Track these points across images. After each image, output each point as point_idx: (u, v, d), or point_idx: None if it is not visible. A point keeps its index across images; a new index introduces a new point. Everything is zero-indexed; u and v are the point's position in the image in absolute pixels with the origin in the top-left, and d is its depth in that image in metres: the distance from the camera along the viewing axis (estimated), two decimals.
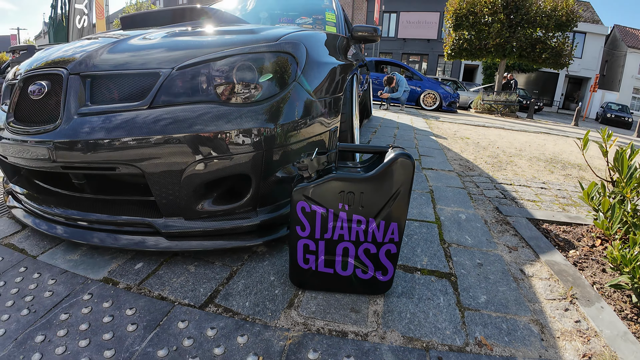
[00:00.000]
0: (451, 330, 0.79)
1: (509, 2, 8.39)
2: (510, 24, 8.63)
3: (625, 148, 1.31)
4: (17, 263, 1.12)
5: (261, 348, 0.75)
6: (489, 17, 8.85)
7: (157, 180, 0.93)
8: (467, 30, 9.27)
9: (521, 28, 8.54)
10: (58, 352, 0.77)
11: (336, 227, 0.79)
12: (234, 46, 1.00)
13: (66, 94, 0.98)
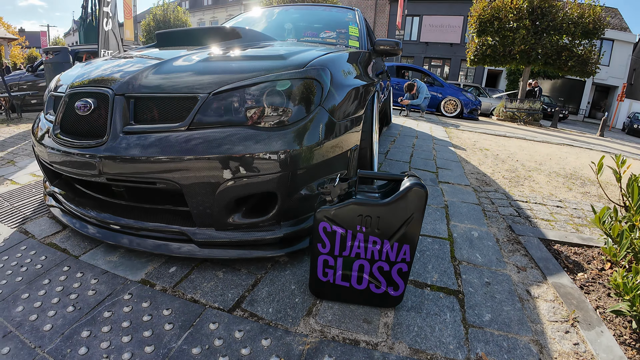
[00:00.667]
0: (454, 345, 0.87)
1: (535, 8, 8.24)
2: (536, 30, 8.47)
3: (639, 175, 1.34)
4: (61, 262, 1.27)
5: (283, 351, 0.85)
6: (514, 22, 8.73)
7: (194, 194, 1.06)
8: (491, 36, 9.16)
9: (547, 35, 8.36)
10: (103, 347, 0.89)
11: (353, 246, 0.89)
12: (265, 72, 1.11)
13: (112, 113, 1.12)
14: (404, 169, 2.66)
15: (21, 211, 1.71)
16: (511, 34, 8.87)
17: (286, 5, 3.04)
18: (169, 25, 17.41)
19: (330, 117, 1.18)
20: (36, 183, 2.14)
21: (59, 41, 26.66)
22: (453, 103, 8.82)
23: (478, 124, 7.68)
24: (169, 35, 1.74)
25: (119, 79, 1.16)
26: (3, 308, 1.03)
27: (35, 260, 1.27)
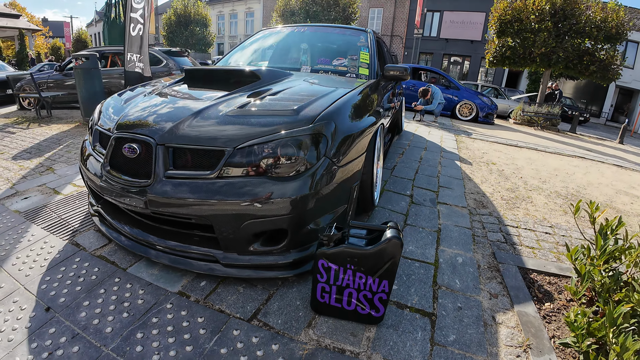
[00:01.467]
0: (421, 358, 1.16)
1: (557, 10, 8.15)
2: (558, 33, 8.39)
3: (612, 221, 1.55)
4: (112, 274, 1.60)
5: (287, 355, 1.16)
6: (535, 24, 8.67)
7: (221, 227, 1.36)
8: (512, 37, 9.13)
9: (569, 38, 8.29)
10: (154, 346, 1.21)
11: (344, 279, 1.17)
12: (281, 127, 1.39)
13: (156, 160, 1.41)
14: (408, 187, 2.90)
15: (69, 223, 2.07)
16: (532, 35, 8.82)
17: (302, 26, 3.28)
18: (189, 20, 17.86)
19: (334, 164, 1.46)
20: (78, 194, 2.51)
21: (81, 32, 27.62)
22: (468, 107, 8.88)
23: (492, 129, 7.75)
24: (196, 73, 2.04)
25: (160, 128, 1.46)
26: (69, 314, 1.36)
27: (89, 272, 1.61)
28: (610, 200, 3.39)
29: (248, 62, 2.97)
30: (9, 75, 6.08)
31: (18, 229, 1.99)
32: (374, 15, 20.94)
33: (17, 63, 19.49)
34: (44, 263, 1.68)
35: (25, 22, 21.40)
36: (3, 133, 4.29)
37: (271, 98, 1.65)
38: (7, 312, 1.36)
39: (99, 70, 4.63)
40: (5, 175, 2.83)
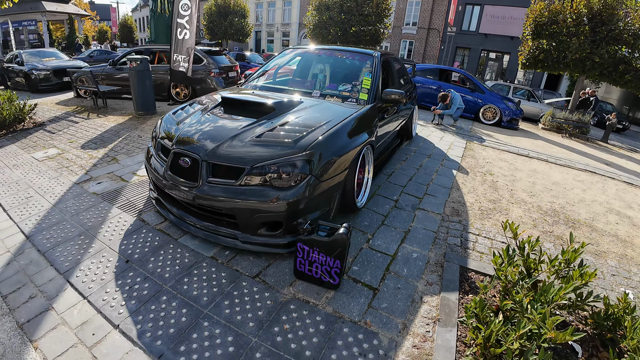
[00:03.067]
0: (357, 314, 1.83)
1: (595, 15, 8.01)
2: (594, 38, 8.25)
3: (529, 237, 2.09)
4: (168, 242, 2.41)
5: (273, 299, 1.88)
6: (573, 28, 8.57)
7: (241, 217, 2.10)
8: (547, 40, 9.07)
9: (605, 44, 8.14)
10: (194, 286, 1.98)
11: (313, 256, 1.87)
12: (282, 154, 2.08)
13: (201, 170, 2.16)
14: (397, 192, 3.47)
15: (136, 205, 2.92)
16: (568, 39, 8.74)
17: (320, 49, 3.91)
18: (228, 11, 18.81)
19: (318, 180, 2.13)
20: (139, 182, 3.37)
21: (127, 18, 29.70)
22: (492, 111, 9.03)
23: (513, 135, 7.92)
24: (230, 101, 2.77)
25: (204, 148, 2.20)
26: (141, 265, 2.16)
27: (153, 239, 2.43)
28: (594, 219, 3.61)
29: (274, 80, 3.66)
30: (68, 68, 7.21)
31: (98, 207, 2.87)
32: (411, 7, 20.75)
33: (66, 46, 21.48)
34: (121, 232, 2.52)
35: (73, 7, 23.38)
36: (68, 122, 5.35)
37: (280, 129, 2.34)
38: (98, 263, 2.19)
39: (150, 72, 5.54)
40: (79, 163, 3.78)
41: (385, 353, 1.59)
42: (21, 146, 4.31)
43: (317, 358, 1.54)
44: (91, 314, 1.79)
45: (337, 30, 13.37)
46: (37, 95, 7.69)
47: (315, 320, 1.75)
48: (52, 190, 3.15)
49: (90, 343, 1.62)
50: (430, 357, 1.58)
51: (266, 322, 1.74)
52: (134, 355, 1.56)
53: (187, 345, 1.60)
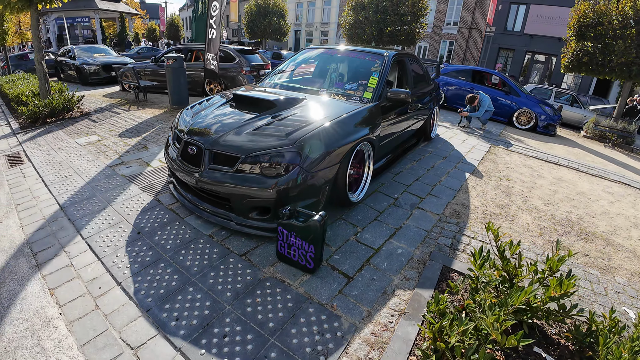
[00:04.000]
0: (326, 297, 1.95)
1: None
2: None
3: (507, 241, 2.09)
4: (176, 219, 2.70)
5: (253, 275, 2.07)
6: (619, 30, 7.88)
7: (234, 200, 2.32)
8: (591, 42, 8.41)
9: None
10: (189, 258, 2.23)
11: (291, 240, 2.03)
12: (274, 145, 2.26)
13: (203, 157, 2.41)
14: (399, 191, 3.50)
15: (155, 186, 3.27)
16: (613, 42, 8.06)
17: (333, 49, 4.05)
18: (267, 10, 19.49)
19: (305, 171, 2.28)
20: (161, 168, 3.74)
21: (174, 17, 31.75)
22: (528, 115, 8.56)
23: (548, 142, 7.47)
24: (241, 97, 3.00)
25: (208, 138, 2.45)
26: (149, 236, 2.47)
27: (163, 217, 2.74)
28: (613, 232, 3.38)
29: (287, 78, 3.86)
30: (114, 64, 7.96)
31: (124, 187, 3.25)
32: (452, 6, 20.00)
33: (117, 43, 23.35)
34: (138, 209, 2.86)
35: (125, 6, 25.34)
36: (111, 113, 5.97)
37: (277, 123, 2.52)
38: (115, 232, 2.53)
39: (184, 69, 6.01)
40: (114, 149, 4.25)
41: (342, 335, 1.70)
42: (67, 132, 4.92)
43: (278, 329, 1.71)
44: (101, 272, 2.11)
45: (372, 30, 13.32)
46: (87, 88, 8.61)
47: (285, 298, 1.91)
48: (88, 171, 3.61)
49: (96, 294, 1.93)
50: (386, 346, 1.66)
51: (242, 294, 1.93)
52: (128, 307, 1.83)
53: (171, 304, 1.84)
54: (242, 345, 1.61)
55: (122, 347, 1.62)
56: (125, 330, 1.71)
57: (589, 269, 2.62)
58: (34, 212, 2.84)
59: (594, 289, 2.38)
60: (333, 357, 1.57)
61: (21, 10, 5.16)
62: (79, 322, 1.76)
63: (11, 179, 3.47)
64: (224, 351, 1.59)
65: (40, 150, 4.23)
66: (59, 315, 1.81)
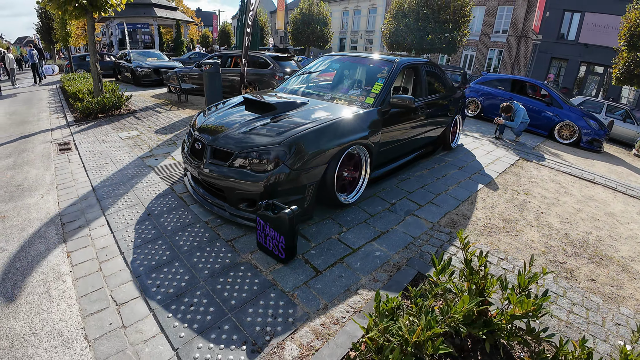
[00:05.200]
0: (290, 286, 2.08)
1: None
2: None
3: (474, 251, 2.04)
4: (181, 206, 3.01)
5: (232, 259, 2.28)
6: None
7: (228, 192, 2.56)
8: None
9: None
10: (183, 239, 2.51)
11: (266, 230, 2.20)
12: (264, 143, 2.46)
13: (205, 152, 2.69)
14: (398, 197, 3.49)
15: (173, 177, 3.65)
16: None
17: (350, 56, 4.18)
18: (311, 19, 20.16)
19: (290, 169, 2.45)
20: (182, 162, 4.13)
21: (226, 25, 33.92)
22: (570, 129, 7.92)
23: (588, 158, 6.83)
24: (249, 101, 3.26)
25: (212, 135, 2.72)
26: (157, 217, 2.81)
27: (172, 203, 3.07)
28: (635, 259, 3.02)
29: (300, 84, 4.07)
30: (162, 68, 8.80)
31: (148, 176, 3.67)
32: (502, 14, 18.95)
33: (173, 48, 25.45)
34: (154, 194, 3.23)
35: (181, 14, 27.52)
36: (153, 111, 6.64)
37: (272, 124, 2.72)
38: (130, 212, 2.90)
39: (219, 74, 6.51)
40: (148, 143, 4.76)
41: (293, 321, 1.82)
42: (113, 127, 5.60)
43: (237, 307, 1.88)
44: (111, 243, 2.47)
45: (412, 38, 13.18)
46: (139, 89, 9.63)
47: (253, 282, 2.08)
48: (122, 160, 4.12)
49: (102, 260, 2.29)
50: (330, 337, 1.74)
51: (217, 273, 2.14)
52: (124, 272, 2.16)
53: (157, 274, 2.13)
54: (203, 315, 1.82)
55: (110, 302, 1.93)
56: (115, 289, 2.02)
57: (590, 295, 2.42)
58: (71, 191, 3.34)
59: (590, 318, 2.19)
60: (277, 339, 1.70)
61: (78, 17, 5.97)
62: (83, 280, 2.11)
63: (58, 163, 4.09)
64: (187, 317, 1.80)
65: (87, 141, 4.90)
66: (69, 272, 2.18)
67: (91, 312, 1.86)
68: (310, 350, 1.66)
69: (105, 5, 6.14)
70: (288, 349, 1.66)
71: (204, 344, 1.66)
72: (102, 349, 1.64)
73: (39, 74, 14.38)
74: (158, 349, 1.63)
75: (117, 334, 1.71)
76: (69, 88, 7.67)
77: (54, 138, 5.32)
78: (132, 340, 1.69)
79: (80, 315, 1.84)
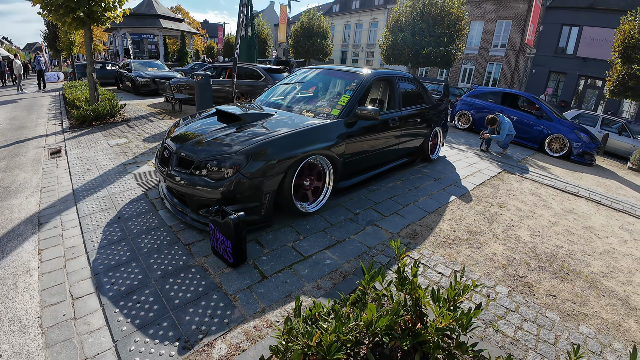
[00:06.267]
0: (234, 289, 2.19)
1: None
2: None
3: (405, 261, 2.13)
4: (151, 211, 3.17)
5: (185, 262, 2.41)
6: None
7: (188, 198, 2.72)
8: (638, 64, 7.66)
9: None
10: (146, 241, 2.66)
11: (217, 235, 2.33)
12: (222, 152, 2.62)
13: (171, 160, 2.86)
14: (363, 207, 3.57)
15: (149, 183, 3.82)
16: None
17: (323, 69, 4.36)
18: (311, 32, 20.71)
19: (246, 177, 2.59)
20: None
21: (230, 37, 34.84)
22: (561, 142, 7.97)
23: (577, 171, 6.83)
24: (221, 112, 3.44)
25: (178, 144, 2.90)
26: (125, 221, 2.97)
27: (143, 207, 3.24)
28: (607, 274, 2.96)
29: (274, 96, 4.24)
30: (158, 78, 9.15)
31: (126, 182, 3.86)
32: (500, 28, 19.23)
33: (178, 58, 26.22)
34: (128, 199, 3.40)
35: (186, 25, 28.40)
36: (146, 120, 6.90)
37: (234, 133, 2.89)
38: (103, 215, 3.09)
39: (210, 85, 6.78)
40: (134, 151, 4.98)
41: (228, 322, 1.94)
42: (104, 134, 5.85)
43: (179, 306, 2.01)
44: (79, 242, 2.67)
45: (409, 52, 13.43)
46: (138, 98, 9.99)
47: (200, 284, 2.21)
48: (106, 166, 4.32)
49: (68, 258, 2.48)
50: (259, 339, 1.84)
51: (169, 274, 2.28)
52: (85, 270, 2.34)
53: (113, 272, 2.30)
54: (146, 312, 1.95)
55: (67, 296, 2.10)
56: (74, 285, 2.19)
57: (546, 312, 2.34)
58: (53, 194, 3.54)
59: (541, 335, 2.11)
60: (209, 338, 1.82)
61: (77, 28, 6.29)
62: (48, 275, 2.30)
63: (47, 167, 4.32)
64: (132, 313, 1.95)
65: (77, 148, 5.14)
66: (37, 267, 2.38)
67: (49, 303, 2.03)
68: (237, 350, 1.77)
69: (102, 18, 6.47)
70: (217, 348, 1.77)
71: (141, 338, 1.79)
72: (52, 336, 1.80)
73: (44, 81, 14.96)
74: (100, 340, 1.78)
75: (68, 325, 1.88)
76: (68, 95, 8.03)
77: (47, 144, 5.57)
78: (79, 330, 1.84)
79: (40, 306, 2.02)
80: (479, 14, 19.64)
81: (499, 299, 2.40)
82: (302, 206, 3.11)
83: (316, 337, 1.43)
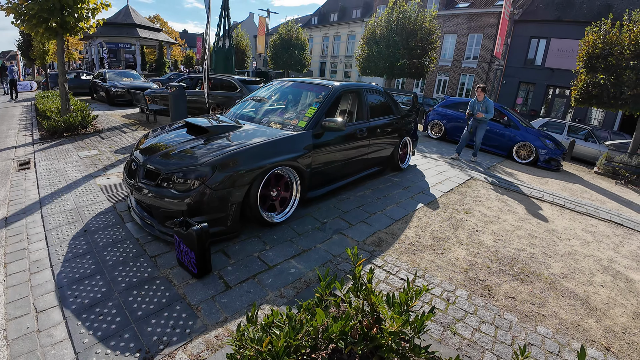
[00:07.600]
0: (197, 300, 2.27)
1: None
2: None
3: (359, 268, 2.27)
4: (118, 223, 3.21)
5: (150, 274, 2.47)
6: (632, 61, 7.70)
7: (154, 210, 2.79)
8: (603, 73, 8.27)
9: None
10: (113, 252, 2.71)
11: (181, 247, 2.42)
12: (188, 164, 2.72)
13: (138, 172, 2.93)
14: (332, 216, 3.71)
15: (119, 195, 3.84)
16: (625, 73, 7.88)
17: (292, 81, 4.54)
18: (290, 44, 21.09)
19: (211, 189, 2.70)
20: None
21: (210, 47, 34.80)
22: (527, 149, 8.44)
23: (544, 177, 7.21)
24: (189, 125, 3.54)
25: (145, 156, 2.97)
26: (92, 234, 3.00)
27: (110, 220, 3.27)
28: (567, 276, 3.07)
29: (244, 108, 4.37)
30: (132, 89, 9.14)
31: (95, 194, 3.88)
32: (472, 41, 20.28)
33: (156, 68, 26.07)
34: (96, 212, 3.43)
35: (164, 35, 28.34)
36: (119, 131, 6.87)
37: (201, 146, 3.00)
38: (70, 229, 3.11)
39: (184, 96, 6.85)
40: (104, 162, 4.97)
41: (190, 332, 2.01)
42: (75, 146, 5.80)
43: (142, 318, 2.08)
44: (44, 256, 2.69)
45: (384, 63, 13.90)
46: (113, 108, 9.90)
47: (164, 295, 2.28)
48: (75, 179, 4.31)
49: (33, 271, 2.50)
50: (219, 349, 1.91)
51: (133, 286, 2.34)
52: (49, 283, 2.37)
53: (77, 285, 2.34)
54: (108, 324, 2.01)
55: (31, 309, 2.13)
56: (38, 298, 2.23)
57: (504, 313, 2.41)
58: (20, 207, 3.53)
59: (498, 337, 2.17)
60: (170, 348, 1.89)
61: (49, 38, 6.25)
62: (13, 288, 2.32)
63: (15, 180, 4.27)
64: (94, 325, 2.01)
65: (47, 159, 5.08)
66: (3, 281, 2.40)
67: (14, 316, 2.07)
68: (198, 359, 1.85)
69: (76, 28, 6.45)
70: (177, 358, 1.85)
71: (102, 349, 1.85)
72: (16, 348, 1.85)
73: (16, 90, 14.57)
74: (62, 352, 1.83)
75: (31, 337, 1.92)
76: (40, 106, 7.88)
77: (17, 155, 5.48)
78: (42, 342, 1.89)
79: (5, 319, 2.05)
80: (452, 28, 20.64)
81: (458, 303, 2.47)
82: (268, 216, 3.22)
83: (266, 343, 1.52)
